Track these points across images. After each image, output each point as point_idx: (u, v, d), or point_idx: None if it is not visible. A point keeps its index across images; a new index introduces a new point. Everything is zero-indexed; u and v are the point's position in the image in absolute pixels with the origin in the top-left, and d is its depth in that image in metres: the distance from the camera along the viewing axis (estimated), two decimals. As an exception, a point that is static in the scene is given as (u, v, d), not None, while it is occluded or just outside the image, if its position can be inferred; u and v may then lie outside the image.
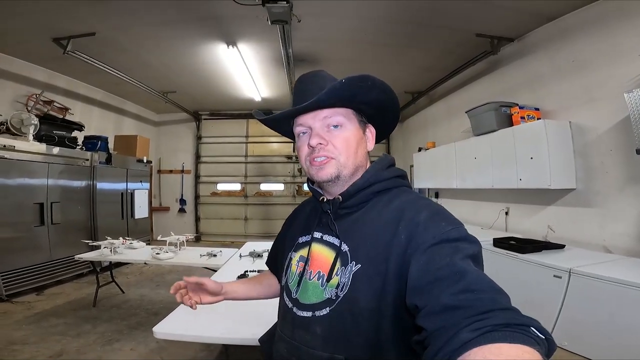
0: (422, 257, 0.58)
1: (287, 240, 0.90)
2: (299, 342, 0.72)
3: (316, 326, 0.69)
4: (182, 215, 8.03)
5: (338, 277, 0.68)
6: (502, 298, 0.49)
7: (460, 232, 0.61)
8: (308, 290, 0.73)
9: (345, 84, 0.67)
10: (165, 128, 8.17)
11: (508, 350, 0.39)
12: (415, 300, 0.54)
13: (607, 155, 3.01)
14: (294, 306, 0.75)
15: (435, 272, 0.54)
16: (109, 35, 3.91)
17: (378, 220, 0.69)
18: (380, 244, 0.66)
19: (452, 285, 0.51)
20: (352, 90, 0.69)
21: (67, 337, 2.79)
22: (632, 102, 2.40)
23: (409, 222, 0.64)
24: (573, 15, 3.27)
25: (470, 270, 0.53)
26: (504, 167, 3.77)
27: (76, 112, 5.35)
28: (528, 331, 0.42)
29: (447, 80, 5.07)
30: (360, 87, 0.69)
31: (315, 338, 0.69)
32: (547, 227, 3.64)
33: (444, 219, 0.64)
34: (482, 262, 0.60)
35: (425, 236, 0.60)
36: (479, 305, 0.46)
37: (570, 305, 2.41)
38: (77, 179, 4.62)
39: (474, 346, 0.41)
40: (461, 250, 0.57)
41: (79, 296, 3.84)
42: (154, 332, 1.43)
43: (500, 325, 0.42)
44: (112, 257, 3.33)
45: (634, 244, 2.75)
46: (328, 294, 0.69)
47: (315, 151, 0.72)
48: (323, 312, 0.69)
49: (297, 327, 0.73)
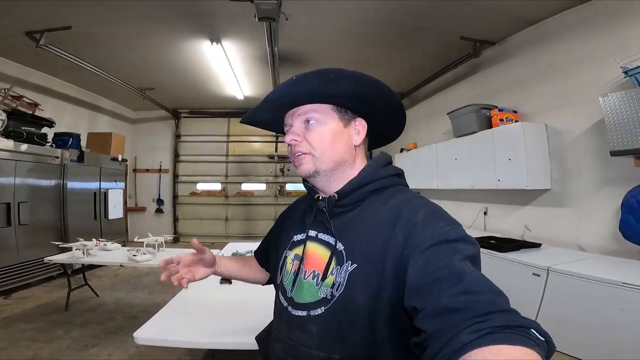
0: (420, 258, 0.57)
1: (281, 237, 0.89)
2: (295, 341, 0.72)
3: (311, 325, 0.69)
4: (160, 216, 7.78)
5: (333, 277, 0.68)
6: (501, 300, 0.49)
7: (458, 232, 0.60)
8: (303, 289, 0.73)
9: (298, 79, 0.68)
10: (143, 126, 7.89)
11: (508, 352, 0.39)
12: (414, 301, 0.54)
13: (581, 157, 3.13)
14: (289, 305, 0.74)
15: (434, 273, 0.54)
16: (87, 30, 3.74)
17: (374, 219, 0.68)
18: (376, 244, 0.65)
19: (451, 287, 0.50)
20: (308, 84, 0.69)
21: (38, 342, 2.64)
22: (608, 106, 2.50)
23: (406, 221, 0.64)
24: (552, 20, 3.39)
25: (469, 271, 0.52)
26: (483, 168, 3.87)
27: (48, 109, 5.07)
28: (528, 333, 0.42)
29: (430, 82, 5.16)
30: (316, 81, 0.69)
31: (311, 337, 0.69)
32: (524, 227, 3.76)
33: (442, 219, 0.63)
34: (480, 263, 0.59)
35: (423, 236, 0.60)
36: (479, 307, 0.46)
37: (549, 303, 2.48)
38: (47, 178, 4.37)
39: (473, 348, 0.41)
40: (460, 252, 0.56)
41: (50, 300, 3.65)
42: (134, 337, 1.35)
43: (499, 327, 0.42)
44: (85, 260, 3.15)
45: (608, 242, 2.87)
46: (323, 294, 0.68)
47: (292, 148, 0.74)
48: (318, 311, 0.68)
49: (293, 326, 0.73)
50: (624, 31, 2.71)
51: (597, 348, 2.07)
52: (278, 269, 0.83)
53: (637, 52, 2.42)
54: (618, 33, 2.76)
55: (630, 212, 2.56)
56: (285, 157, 7.97)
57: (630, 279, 2.07)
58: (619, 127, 2.45)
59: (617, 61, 2.51)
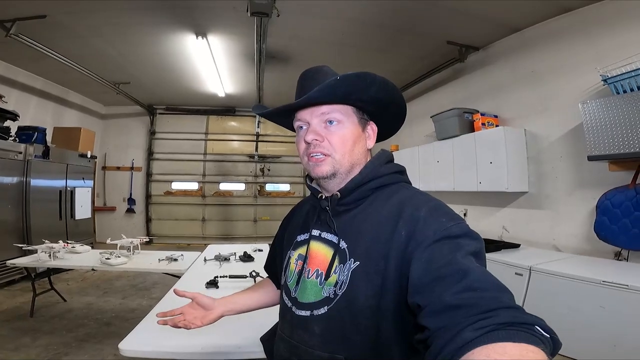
0: (423, 255, 0.57)
1: (285, 239, 0.88)
2: (298, 341, 0.71)
3: (315, 325, 0.68)
4: (131, 216, 7.41)
5: (336, 275, 0.67)
6: (505, 296, 0.48)
7: (461, 228, 0.60)
8: (307, 288, 0.72)
9: (341, 81, 0.66)
10: (114, 121, 7.49)
11: (512, 350, 0.38)
12: (417, 298, 0.53)
13: (557, 161, 3.28)
14: (293, 305, 0.74)
15: (437, 270, 0.53)
16: (62, 20, 3.52)
17: (377, 217, 0.68)
18: (379, 241, 0.65)
19: (454, 283, 0.50)
20: (347, 87, 0.68)
21: (4, 350, 2.44)
22: (587, 112, 2.62)
23: (408, 218, 0.63)
24: (535, 28, 3.52)
25: (473, 267, 0.52)
26: (465, 170, 3.97)
27: (11, 101, 4.74)
28: (532, 330, 0.41)
29: (414, 85, 5.24)
30: (356, 85, 0.68)
31: (314, 337, 0.68)
32: (502, 228, 3.89)
33: (445, 214, 0.63)
34: (484, 258, 0.59)
35: (426, 233, 0.59)
36: (482, 304, 0.45)
37: (532, 302, 2.56)
38: (8, 175, 4.07)
39: (477, 345, 0.40)
40: (463, 247, 0.56)
41: (12, 305, 3.39)
42: (120, 349, 1.23)
43: (503, 324, 0.42)
44: (52, 263, 2.93)
45: (582, 243, 3.01)
46: (326, 293, 0.68)
47: (311, 147, 0.72)
48: (321, 310, 0.68)
49: (296, 326, 0.72)
50: (603, 41, 2.86)
51: (580, 345, 2.15)
52: (282, 270, 0.83)
53: (615, 61, 2.56)
54: (597, 43, 2.90)
55: (605, 214, 2.69)
56: (265, 156, 7.85)
57: (609, 277, 2.17)
58: (597, 133, 2.58)
59: (597, 69, 2.64)
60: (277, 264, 0.94)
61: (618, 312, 2.06)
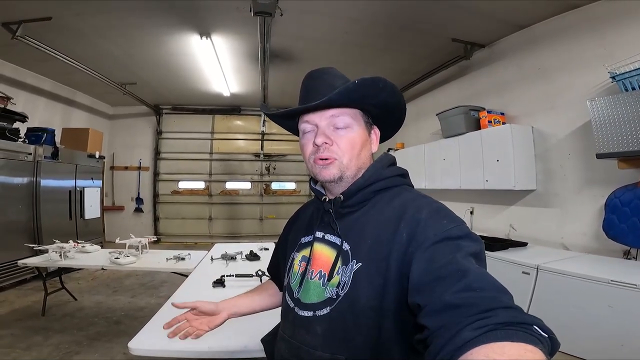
0: (423, 256, 0.58)
1: (289, 242, 0.90)
2: (299, 342, 0.72)
3: (317, 326, 0.69)
4: (139, 215, 7.49)
5: (339, 276, 0.68)
6: (504, 296, 0.48)
7: (462, 229, 0.61)
8: (309, 289, 0.73)
9: (359, 85, 0.67)
10: (121, 122, 7.56)
11: (510, 349, 0.39)
12: (417, 298, 0.54)
13: (565, 159, 3.24)
14: (296, 306, 0.75)
15: (437, 270, 0.54)
16: (68, 21, 3.55)
17: (379, 219, 0.69)
18: (381, 242, 0.65)
19: (454, 283, 0.50)
20: (363, 91, 0.69)
21: (16, 349, 2.47)
22: (595, 110, 2.58)
23: (410, 220, 0.64)
24: (542, 25, 3.47)
25: (472, 268, 0.52)
26: (471, 168, 3.94)
27: (20, 103, 4.80)
28: (531, 330, 0.42)
29: (419, 82, 5.20)
30: (372, 89, 0.70)
31: (316, 338, 0.69)
32: (509, 226, 3.86)
33: (446, 216, 0.64)
34: (484, 259, 0.59)
35: (426, 234, 0.60)
36: (481, 304, 0.46)
37: (539, 300, 2.55)
38: (18, 175, 4.12)
39: (476, 345, 0.40)
40: (463, 248, 0.57)
41: (24, 304, 3.44)
42: (129, 348, 1.25)
43: (502, 323, 0.42)
44: (62, 263, 2.98)
45: (590, 242, 2.98)
46: (329, 294, 0.69)
47: (320, 150, 0.72)
48: (324, 311, 0.68)
49: (298, 327, 0.73)
50: (611, 38, 2.81)
51: (587, 344, 2.14)
52: (286, 271, 0.84)
53: (624, 58, 2.51)
54: (605, 39, 2.85)
55: (614, 212, 2.66)
56: (271, 155, 7.88)
57: (617, 276, 2.15)
58: (605, 130, 2.54)
59: (606, 67, 2.60)
60: (280, 267, 0.95)
61: (626, 311, 2.04)
